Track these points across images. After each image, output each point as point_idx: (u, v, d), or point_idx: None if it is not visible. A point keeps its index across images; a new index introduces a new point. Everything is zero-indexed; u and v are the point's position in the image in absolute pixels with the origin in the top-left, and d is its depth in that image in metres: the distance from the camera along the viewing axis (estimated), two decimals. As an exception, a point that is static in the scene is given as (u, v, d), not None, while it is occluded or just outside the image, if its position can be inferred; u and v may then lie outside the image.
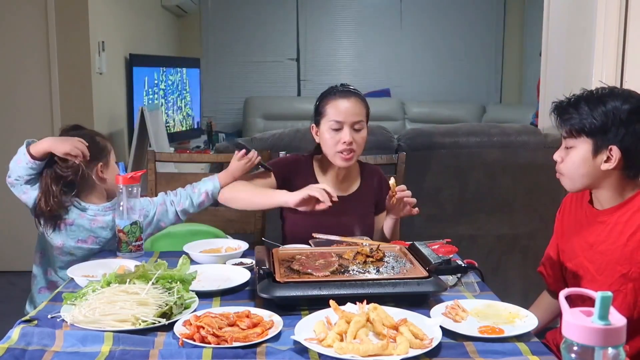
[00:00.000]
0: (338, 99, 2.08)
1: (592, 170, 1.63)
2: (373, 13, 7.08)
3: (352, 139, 2.05)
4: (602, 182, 1.65)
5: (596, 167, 1.62)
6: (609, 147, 1.59)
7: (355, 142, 2.06)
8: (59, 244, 2.03)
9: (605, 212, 1.69)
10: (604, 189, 1.67)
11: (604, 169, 1.61)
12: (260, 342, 1.30)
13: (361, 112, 2.09)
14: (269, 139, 2.90)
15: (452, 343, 1.31)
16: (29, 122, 3.97)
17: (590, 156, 1.62)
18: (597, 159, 1.61)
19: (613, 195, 1.66)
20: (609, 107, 1.58)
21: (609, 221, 1.67)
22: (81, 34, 3.96)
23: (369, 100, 2.20)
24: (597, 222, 1.70)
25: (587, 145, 1.62)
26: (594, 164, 1.62)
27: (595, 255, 1.69)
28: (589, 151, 1.62)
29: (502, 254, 2.99)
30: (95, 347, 1.28)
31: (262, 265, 1.53)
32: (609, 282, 1.66)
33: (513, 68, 7.13)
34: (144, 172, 2.26)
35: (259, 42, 6.99)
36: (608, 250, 1.66)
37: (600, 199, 1.70)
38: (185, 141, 5.60)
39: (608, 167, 1.61)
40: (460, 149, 2.95)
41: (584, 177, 1.66)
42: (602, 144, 1.60)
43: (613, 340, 0.82)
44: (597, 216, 1.71)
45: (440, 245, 1.85)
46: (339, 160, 2.09)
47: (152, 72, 4.99)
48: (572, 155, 1.66)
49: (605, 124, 1.58)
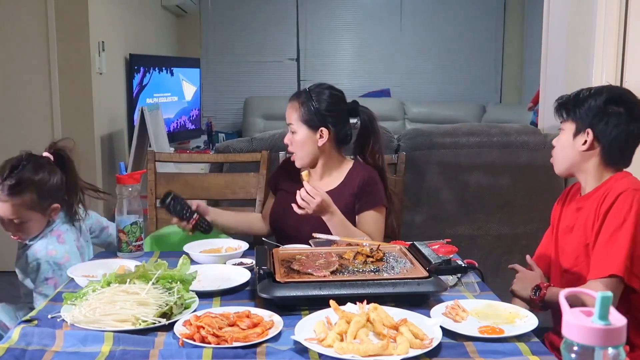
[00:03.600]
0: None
1: (572, 152, 1.77)
2: (373, 13, 7.09)
3: (290, 140, 2.18)
4: (582, 166, 1.77)
5: (576, 149, 1.76)
6: (586, 130, 1.73)
7: (292, 144, 2.18)
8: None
9: (583, 197, 1.80)
10: (585, 174, 1.79)
11: (581, 150, 1.74)
12: (260, 342, 1.29)
13: (292, 115, 2.16)
14: (269, 139, 2.90)
15: (452, 343, 1.31)
16: (29, 122, 3.97)
17: (571, 138, 1.77)
18: (577, 140, 1.75)
19: (593, 181, 1.77)
20: (592, 99, 1.74)
21: (585, 206, 1.77)
22: (81, 34, 3.96)
23: (369, 99, 2.22)
24: (577, 209, 1.81)
25: (571, 128, 1.77)
26: (574, 145, 1.76)
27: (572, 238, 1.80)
28: (572, 134, 1.77)
29: (502, 254, 2.99)
30: (95, 347, 1.28)
31: (262, 265, 1.54)
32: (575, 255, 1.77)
33: (513, 68, 7.13)
34: (144, 172, 2.26)
35: (259, 42, 6.99)
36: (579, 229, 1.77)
37: (584, 185, 1.81)
38: (185, 141, 5.60)
39: (583, 148, 1.74)
40: (460, 149, 2.95)
41: (565, 159, 1.80)
42: (581, 127, 1.74)
43: (613, 340, 0.82)
44: (578, 202, 1.82)
45: (440, 245, 1.85)
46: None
47: (152, 72, 4.99)
48: (561, 138, 1.82)
49: (587, 111, 1.74)
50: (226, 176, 2.69)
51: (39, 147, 2.18)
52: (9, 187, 1.91)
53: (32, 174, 1.95)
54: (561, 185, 2.97)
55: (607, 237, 1.66)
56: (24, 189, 1.93)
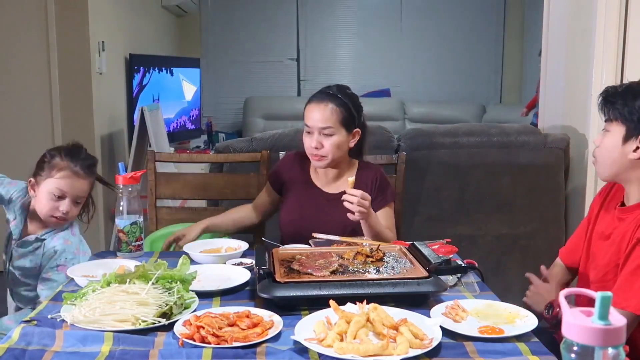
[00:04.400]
0: (312, 104, 2.14)
1: (620, 157, 1.62)
2: (373, 13, 7.08)
3: (321, 144, 2.10)
4: (630, 174, 1.64)
5: (624, 154, 1.62)
6: (639, 136, 1.59)
7: (324, 147, 2.11)
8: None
9: (628, 209, 1.67)
10: (631, 183, 1.66)
11: (631, 157, 1.61)
12: (260, 342, 1.29)
13: (331, 118, 2.10)
14: (269, 139, 2.90)
15: (452, 343, 1.31)
16: (29, 122, 3.97)
17: (620, 142, 1.62)
18: (626, 146, 1.61)
19: (638, 191, 1.65)
20: None
21: (628, 219, 1.66)
22: (81, 34, 3.96)
23: (369, 100, 2.22)
24: (618, 219, 1.70)
25: (621, 131, 1.62)
26: (622, 151, 1.62)
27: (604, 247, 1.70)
28: (621, 137, 1.62)
29: (502, 254, 2.99)
30: (95, 347, 1.28)
31: (262, 265, 1.54)
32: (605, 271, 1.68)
33: (513, 68, 7.13)
34: (144, 172, 2.26)
35: (259, 42, 6.99)
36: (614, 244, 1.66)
37: (629, 194, 1.68)
38: (185, 141, 5.60)
39: (635, 156, 1.60)
40: (460, 149, 2.95)
41: (612, 165, 1.65)
42: (633, 133, 1.60)
43: (613, 340, 0.82)
44: (621, 212, 1.70)
45: (440, 245, 1.85)
46: (313, 161, 2.17)
47: (152, 72, 4.99)
48: (606, 139, 1.66)
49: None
50: (226, 176, 2.69)
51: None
52: (89, 165, 2.05)
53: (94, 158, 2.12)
54: (561, 185, 2.97)
55: (634, 267, 1.56)
56: (95, 169, 2.09)
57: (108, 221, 4.15)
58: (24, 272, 2.05)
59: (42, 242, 2.03)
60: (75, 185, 2.01)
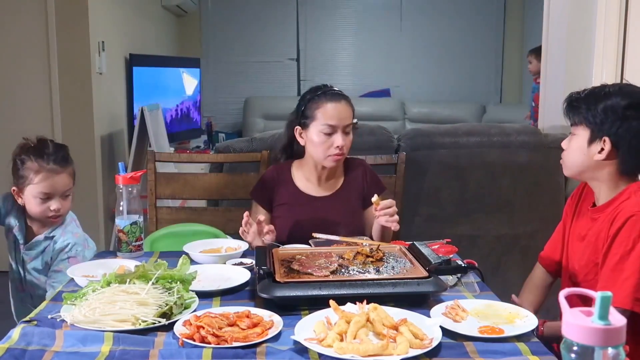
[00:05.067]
0: (329, 103, 2.09)
1: (586, 159, 1.69)
2: (373, 13, 7.08)
3: (345, 141, 2.09)
4: (596, 173, 1.70)
5: (590, 156, 1.68)
6: (603, 138, 1.65)
7: (345, 145, 2.10)
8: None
9: (598, 208, 1.73)
10: (598, 182, 1.72)
11: (596, 159, 1.67)
12: (260, 342, 1.29)
13: (351, 115, 2.11)
14: (269, 139, 2.90)
15: (452, 343, 1.31)
16: (29, 122, 3.97)
17: (585, 145, 1.68)
18: (592, 148, 1.67)
19: (607, 190, 1.71)
20: (609, 102, 1.64)
21: (599, 218, 1.71)
22: (81, 34, 3.96)
23: (369, 100, 2.22)
24: (591, 219, 1.75)
25: (585, 134, 1.68)
26: (588, 152, 1.68)
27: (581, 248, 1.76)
28: (586, 140, 1.68)
29: (502, 254, 2.99)
30: (95, 347, 1.28)
31: (262, 265, 1.54)
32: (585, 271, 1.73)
33: (513, 68, 7.13)
34: (144, 172, 2.26)
35: (259, 42, 6.99)
36: (590, 244, 1.71)
37: (598, 194, 1.74)
38: (185, 141, 5.60)
39: (600, 157, 1.66)
40: (460, 149, 2.95)
41: (578, 165, 1.72)
42: (597, 135, 1.66)
43: (613, 340, 0.82)
44: (592, 212, 1.75)
45: (440, 245, 1.85)
46: (330, 162, 2.12)
47: (152, 72, 4.99)
48: (572, 142, 1.73)
49: (605, 115, 1.64)
50: (226, 176, 2.69)
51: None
52: (61, 158, 2.04)
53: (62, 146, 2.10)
54: (561, 185, 2.97)
55: (614, 263, 1.59)
56: (69, 157, 2.07)
57: (108, 221, 4.15)
58: (38, 273, 2.07)
59: (52, 239, 2.05)
60: (57, 183, 2.01)
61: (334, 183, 2.20)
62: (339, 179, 2.22)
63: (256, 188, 2.26)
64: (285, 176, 2.21)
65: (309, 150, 2.16)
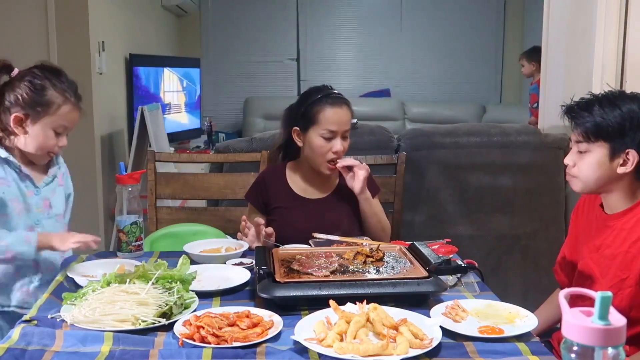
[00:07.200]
0: (331, 108, 2.07)
1: (608, 173, 1.62)
2: (373, 13, 7.08)
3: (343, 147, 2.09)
4: (614, 185, 1.64)
5: (612, 170, 1.61)
6: (627, 150, 1.58)
7: (343, 150, 2.10)
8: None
9: (614, 216, 1.68)
10: (615, 192, 1.66)
11: (621, 172, 1.60)
12: (260, 342, 1.29)
13: (350, 119, 2.11)
14: (269, 139, 2.89)
15: (452, 343, 1.31)
16: (29, 122, 3.97)
17: (607, 160, 1.61)
18: (614, 162, 1.60)
19: (623, 199, 1.65)
20: (624, 109, 1.58)
21: (616, 226, 1.66)
22: (81, 34, 3.95)
23: (369, 100, 2.22)
24: (605, 226, 1.69)
25: (604, 149, 1.61)
26: (610, 167, 1.61)
27: (600, 259, 1.69)
28: (606, 155, 1.61)
29: (502, 254, 2.99)
30: (95, 347, 1.28)
31: (262, 265, 1.53)
32: (609, 284, 1.65)
33: (513, 68, 7.11)
34: (144, 172, 2.26)
35: (259, 42, 6.99)
36: (612, 255, 1.65)
37: (610, 202, 1.69)
38: (185, 141, 5.60)
39: (624, 170, 1.60)
40: (461, 149, 2.95)
41: (598, 180, 1.64)
42: (620, 148, 1.59)
43: (613, 340, 0.83)
44: (606, 220, 1.70)
45: (440, 245, 1.85)
46: (325, 169, 2.11)
47: (152, 72, 4.99)
48: (587, 159, 1.64)
49: (623, 127, 1.57)
50: (226, 176, 2.69)
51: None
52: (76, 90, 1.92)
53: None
54: (561, 185, 2.97)
55: None
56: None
57: (108, 221, 4.15)
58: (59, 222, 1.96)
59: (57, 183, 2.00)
60: (76, 119, 1.90)
61: (330, 185, 2.20)
62: (334, 180, 2.20)
63: (251, 191, 2.24)
64: (279, 178, 2.20)
65: (306, 153, 2.14)
